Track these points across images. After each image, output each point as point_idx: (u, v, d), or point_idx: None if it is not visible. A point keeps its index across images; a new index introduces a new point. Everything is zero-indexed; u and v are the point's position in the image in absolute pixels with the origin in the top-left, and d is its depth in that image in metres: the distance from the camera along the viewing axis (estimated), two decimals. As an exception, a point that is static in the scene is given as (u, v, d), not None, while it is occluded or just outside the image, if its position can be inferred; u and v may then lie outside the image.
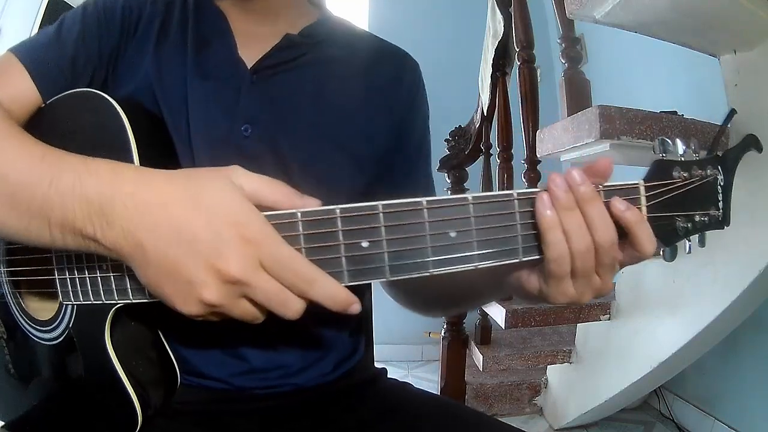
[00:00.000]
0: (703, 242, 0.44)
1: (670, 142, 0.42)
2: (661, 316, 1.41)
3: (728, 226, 0.44)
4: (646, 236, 0.39)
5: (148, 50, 0.58)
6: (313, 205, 0.38)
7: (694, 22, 1.08)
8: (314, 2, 0.68)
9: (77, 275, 0.47)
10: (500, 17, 1.78)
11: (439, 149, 2.02)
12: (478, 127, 1.98)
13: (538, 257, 0.40)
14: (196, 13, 0.60)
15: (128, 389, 0.48)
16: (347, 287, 0.38)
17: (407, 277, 0.38)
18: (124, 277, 0.43)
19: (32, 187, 0.38)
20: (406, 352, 2.77)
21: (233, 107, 0.57)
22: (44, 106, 0.54)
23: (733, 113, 0.46)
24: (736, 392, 1.62)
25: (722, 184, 0.43)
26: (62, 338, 0.52)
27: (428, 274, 0.38)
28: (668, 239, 0.42)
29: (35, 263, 0.52)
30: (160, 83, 0.56)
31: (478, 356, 1.82)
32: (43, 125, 0.53)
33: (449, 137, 2.04)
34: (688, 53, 1.25)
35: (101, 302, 0.46)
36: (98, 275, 0.45)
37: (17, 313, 0.57)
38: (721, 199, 0.43)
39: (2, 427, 0.54)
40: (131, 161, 0.46)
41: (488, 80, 1.88)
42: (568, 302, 0.42)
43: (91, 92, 0.51)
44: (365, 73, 0.63)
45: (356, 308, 0.38)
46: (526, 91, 1.65)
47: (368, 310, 0.79)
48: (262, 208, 0.37)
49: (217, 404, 0.59)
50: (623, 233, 0.40)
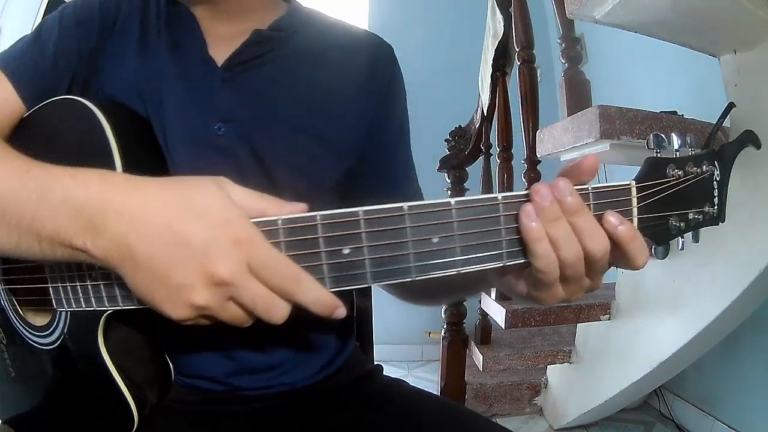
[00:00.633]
0: (696, 238, 0.43)
1: (664, 137, 0.41)
2: (661, 316, 1.41)
3: (723, 222, 0.42)
4: (638, 251, 0.39)
5: (129, 48, 0.58)
6: (300, 210, 0.38)
7: (694, 22, 1.08)
8: None
9: (69, 283, 0.47)
10: (500, 17, 1.78)
11: (439, 149, 2.02)
12: (478, 127, 1.98)
13: (522, 261, 0.39)
14: (167, 13, 0.60)
15: (123, 390, 0.49)
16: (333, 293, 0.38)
17: (390, 282, 0.38)
18: (113, 285, 0.44)
19: (20, 202, 0.38)
20: (406, 352, 2.76)
21: (206, 107, 0.57)
22: (27, 116, 0.54)
23: (731, 107, 0.45)
24: (736, 392, 1.62)
25: (718, 179, 0.42)
26: (58, 343, 0.52)
27: (411, 279, 0.38)
28: (660, 238, 0.41)
29: (29, 272, 0.52)
30: (137, 84, 0.57)
31: (478, 356, 1.83)
32: (25, 136, 0.54)
33: (449, 137, 2.04)
34: (688, 53, 1.25)
35: (93, 309, 0.46)
36: (88, 284, 0.45)
37: (15, 318, 0.57)
38: (716, 195, 0.42)
39: (3, 423, 0.55)
40: (113, 166, 0.46)
41: (488, 80, 1.89)
42: (557, 303, 0.42)
43: (71, 99, 0.51)
44: (339, 61, 0.63)
45: (341, 312, 0.38)
46: (526, 91, 1.65)
47: (367, 308, 0.80)
48: (250, 217, 0.37)
49: (210, 405, 0.59)
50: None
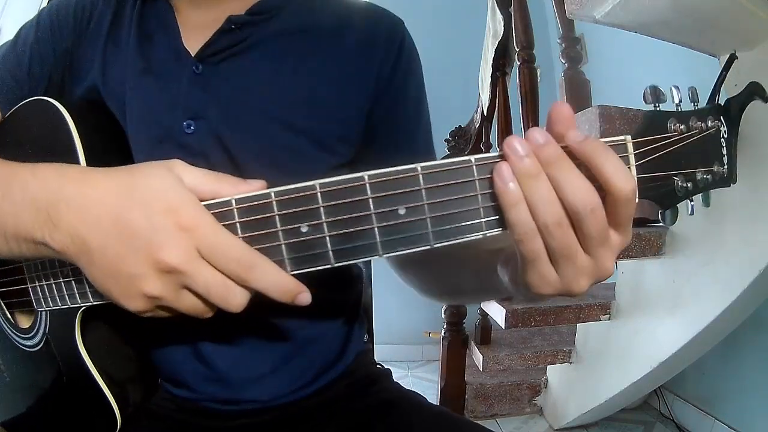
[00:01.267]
0: (707, 202, 0.38)
1: (662, 90, 0.37)
2: (661, 316, 1.41)
3: (735, 183, 0.38)
4: (613, 167, 0.32)
5: (98, 47, 0.57)
6: (259, 187, 0.36)
7: (694, 22, 1.08)
8: None
9: (44, 282, 0.47)
10: (500, 17, 1.78)
11: (439, 149, 2.02)
12: (478, 127, 1.98)
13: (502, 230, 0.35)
14: (142, 7, 0.57)
15: (104, 389, 0.49)
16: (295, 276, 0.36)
17: (354, 261, 0.35)
18: (82, 280, 0.43)
19: None
20: (406, 352, 2.76)
21: (175, 102, 0.54)
22: (3, 119, 0.55)
23: (733, 58, 0.40)
24: (736, 392, 1.62)
25: (726, 136, 0.37)
26: (41, 344, 0.52)
27: (378, 257, 0.35)
28: (666, 201, 0.37)
29: (10, 274, 0.52)
30: (103, 82, 0.55)
31: (478, 356, 1.83)
32: (1, 139, 0.54)
33: (449, 137, 2.04)
34: (688, 53, 1.25)
35: (68, 306, 0.46)
36: (62, 280, 0.45)
37: (3, 322, 0.57)
38: (725, 153, 0.37)
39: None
40: (78, 162, 0.46)
41: (488, 80, 1.88)
42: (557, 292, 0.36)
43: (40, 100, 0.51)
44: (330, 42, 0.57)
45: (305, 298, 0.36)
46: (526, 91, 1.65)
47: (367, 307, 0.77)
48: (203, 199, 0.36)
49: (188, 415, 0.58)
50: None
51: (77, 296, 0.45)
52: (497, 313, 1.60)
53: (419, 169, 0.34)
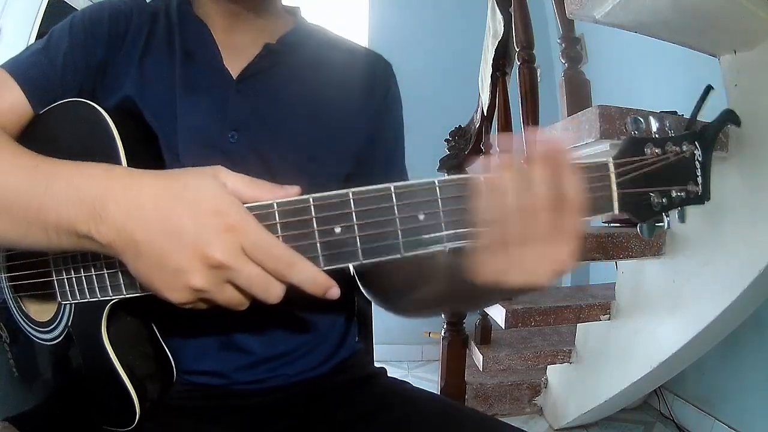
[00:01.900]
0: (683, 218, 0.43)
1: (642, 120, 0.42)
2: (661, 316, 1.41)
3: (708, 200, 0.43)
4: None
5: (135, 60, 0.59)
6: (294, 193, 0.40)
7: (694, 22, 1.08)
8: (289, 11, 0.71)
9: (74, 275, 0.49)
10: (500, 17, 1.78)
11: (439, 149, 2.02)
12: (478, 127, 1.98)
13: None
14: (180, 24, 0.62)
15: (126, 383, 0.50)
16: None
17: (380, 260, 0.40)
18: (117, 273, 0.45)
19: (28, 195, 0.41)
20: (406, 352, 2.77)
21: (221, 116, 0.59)
22: (36, 117, 0.56)
23: (709, 89, 0.45)
24: (736, 392, 1.62)
25: (700, 159, 0.43)
26: (62, 337, 0.53)
27: (400, 256, 0.40)
28: (643, 214, 0.42)
29: (34, 267, 0.53)
30: (143, 94, 0.58)
31: (478, 356, 1.83)
32: (36, 136, 0.55)
33: (449, 137, 2.04)
34: (688, 53, 1.25)
35: (97, 299, 0.48)
36: (93, 273, 0.47)
37: (18, 316, 0.58)
38: (699, 174, 0.43)
39: (4, 420, 0.55)
40: (120, 164, 0.48)
41: (488, 80, 1.88)
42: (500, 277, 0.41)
43: (80, 102, 0.52)
44: (340, 75, 0.66)
45: (335, 292, 0.40)
46: (526, 91, 1.64)
47: (367, 307, 0.80)
48: (244, 203, 0.39)
49: (210, 400, 0.61)
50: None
51: (109, 289, 0.46)
52: (497, 313, 1.61)
53: (436, 182, 0.40)
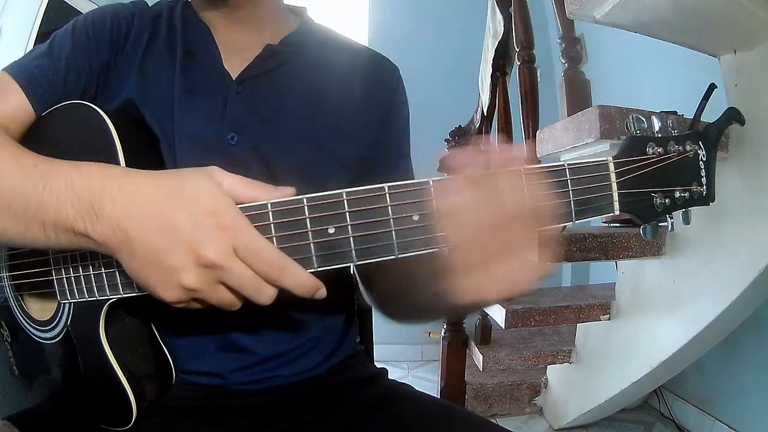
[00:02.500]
0: (687, 220, 0.42)
1: (644, 119, 0.41)
2: (661, 316, 1.41)
3: (713, 202, 0.42)
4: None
5: (136, 62, 0.60)
6: (289, 193, 0.41)
7: (694, 22, 1.08)
8: (295, 11, 0.70)
9: (72, 274, 0.49)
10: (500, 17, 1.78)
11: (439, 149, 2.02)
12: (478, 127, 1.98)
13: None
14: (182, 27, 0.62)
15: (123, 382, 0.50)
16: (323, 276, 0.40)
17: (375, 260, 0.40)
18: (114, 273, 0.46)
19: (27, 193, 0.41)
20: (406, 352, 2.76)
21: (220, 117, 0.59)
22: (38, 118, 0.56)
23: (713, 88, 0.44)
24: (736, 392, 1.62)
25: (704, 159, 0.41)
26: (61, 336, 0.53)
27: (394, 257, 0.40)
28: (646, 215, 0.41)
29: (35, 265, 0.53)
30: (144, 97, 0.58)
31: (478, 356, 1.83)
32: (37, 137, 0.56)
33: (449, 137, 2.04)
34: (688, 53, 1.25)
35: (95, 299, 0.48)
36: (91, 272, 0.47)
37: (19, 315, 0.58)
38: (704, 175, 0.41)
39: (4, 419, 0.55)
40: (118, 164, 0.48)
41: (488, 80, 1.88)
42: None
43: (81, 104, 0.53)
44: (345, 77, 0.65)
45: (322, 293, 0.40)
46: (526, 91, 1.65)
47: (367, 308, 0.79)
48: (240, 203, 0.40)
49: (208, 400, 0.60)
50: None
51: (107, 288, 0.47)
52: (497, 313, 1.60)
53: (431, 182, 0.39)
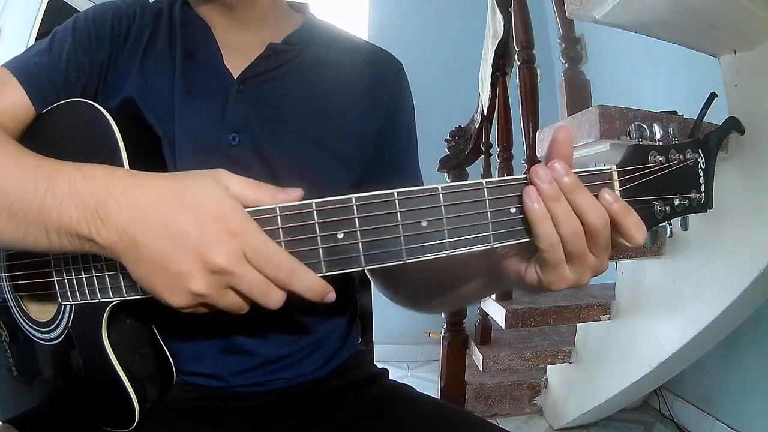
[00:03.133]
0: (685, 226, 0.43)
1: (646, 127, 0.42)
2: (661, 316, 1.41)
3: (711, 209, 0.43)
4: (634, 225, 0.40)
5: (137, 61, 0.59)
6: (296, 195, 0.41)
7: (694, 22, 1.08)
8: (297, 8, 0.69)
9: (74, 276, 0.48)
10: (500, 17, 1.78)
11: (439, 149, 2.02)
12: (478, 127, 1.98)
13: (510, 243, 0.41)
14: (182, 25, 0.61)
15: (126, 385, 0.49)
16: (325, 277, 0.40)
17: (383, 266, 0.40)
18: (117, 275, 0.45)
19: (28, 196, 0.40)
20: (406, 352, 2.76)
21: (221, 117, 0.58)
22: (38, 117, 0.56)
23: (713, 97, 0.45)
24: (736, 392, 1.62)
25: (704, 167, 0.42)
26: (62, 338, 0.53)
27: (402, 262, 0.40)
28: (647, 222, 0.42)
29: (35, 267, 0.53)
30: (144, 95, 0.57)
31: (478, 356, 1.83)
32: (37, 136, 0.55)
33: (449, 137, 2.04)
34: (688, 53, 1.25)
35: (97, 301, 0.47)
36: (94, 275, 0.47)
37: (18, 316, 0.58)
38: (703, 182, 0.42)
39: (5, 422, 0.55)
40: (122, 165, 0.48)
41: (488, 80, 1.88)
42: (569, 286, 0.42)
43: (82, 102, 0.52)
44: (350, 75, 0.65)
45: (332, 297, 0.40)
46: (526, 91, 1.65)
47: (367, 308, 0.80)
48: (246, 206, 0.39)
49: (209, 401, 0.60)
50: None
51: (110, 290, 0.46)
52: (497, 313, 1.61)
53: (440, 189, 0.40)
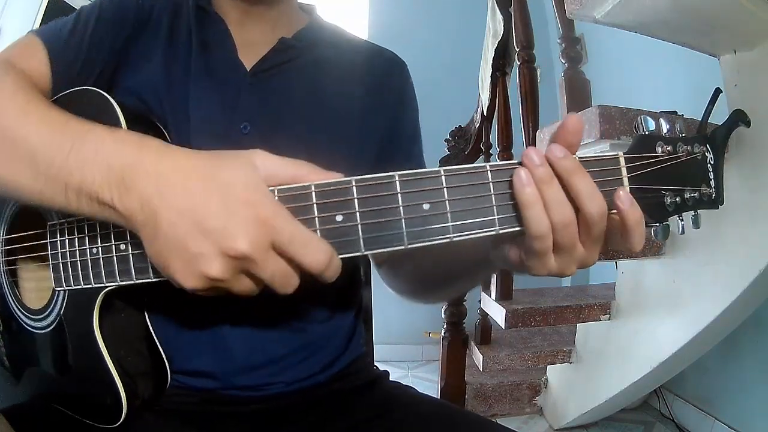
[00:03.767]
0: (697, 224, 0.42)
1: (652, 120, 0.40)
2: (661, 316, 1.41)
3: (722, 204, 0.41)
4: (639, 234, 0.38)
5: (158, 44, 0.60)
6: (335, 178, 0.39)
7: (694, 22, 1.08)
8: (305, 8, 0.71)
9: (69, 259, 0.48)
10: (500, 17, 1.78)
11: (439, 149, 2.02)
12: (478, 127, 1.98)
13: (517, 229, 0.38)
14: (198, 16, 0.63)
15: (115, 377, 0.48)
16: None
17: (383, 251, 0.38)
18: (112, 258, 0.45)
19: (52, 150, 0.39)
20: (406, 352, 2.77)
21: (233, 106, 0.59)
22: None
23: (718, 92, 0.43)
24: (736, 392, 1.62)
25: (712, 162, 0.41)
26: (53, 326, 0.52)
27: (403, 247, 0.38)
28: (657, 215, 0.40)
29: (30, 250, 0.52)
30: (158, 82, 0.59)
31: (478, 356, 1.83)
32: None
33: (449, 137, 2.05)
34: (688, 53, 1.25)
35: (91, 286, 0.47)
36: (88, 258, 0.46)
37: (13, 303, 0.57)
38: (712, 177, 0.41)
39: None
40: None
41: (488, 80, 1.89)
42: (551, 274, 0.40)
43: (90, 90, 0.52)
44: (355, 72, 0.66)
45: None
46: (526, 91, 1.65)
47: (368, 308, 0.79)
48: (280, 184, 0.38)
49: (206, 405, 0.59)
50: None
51: (103, 275, 0.45)
52: (497, 313, 1.61)
53: (442, 171, 0.38)
